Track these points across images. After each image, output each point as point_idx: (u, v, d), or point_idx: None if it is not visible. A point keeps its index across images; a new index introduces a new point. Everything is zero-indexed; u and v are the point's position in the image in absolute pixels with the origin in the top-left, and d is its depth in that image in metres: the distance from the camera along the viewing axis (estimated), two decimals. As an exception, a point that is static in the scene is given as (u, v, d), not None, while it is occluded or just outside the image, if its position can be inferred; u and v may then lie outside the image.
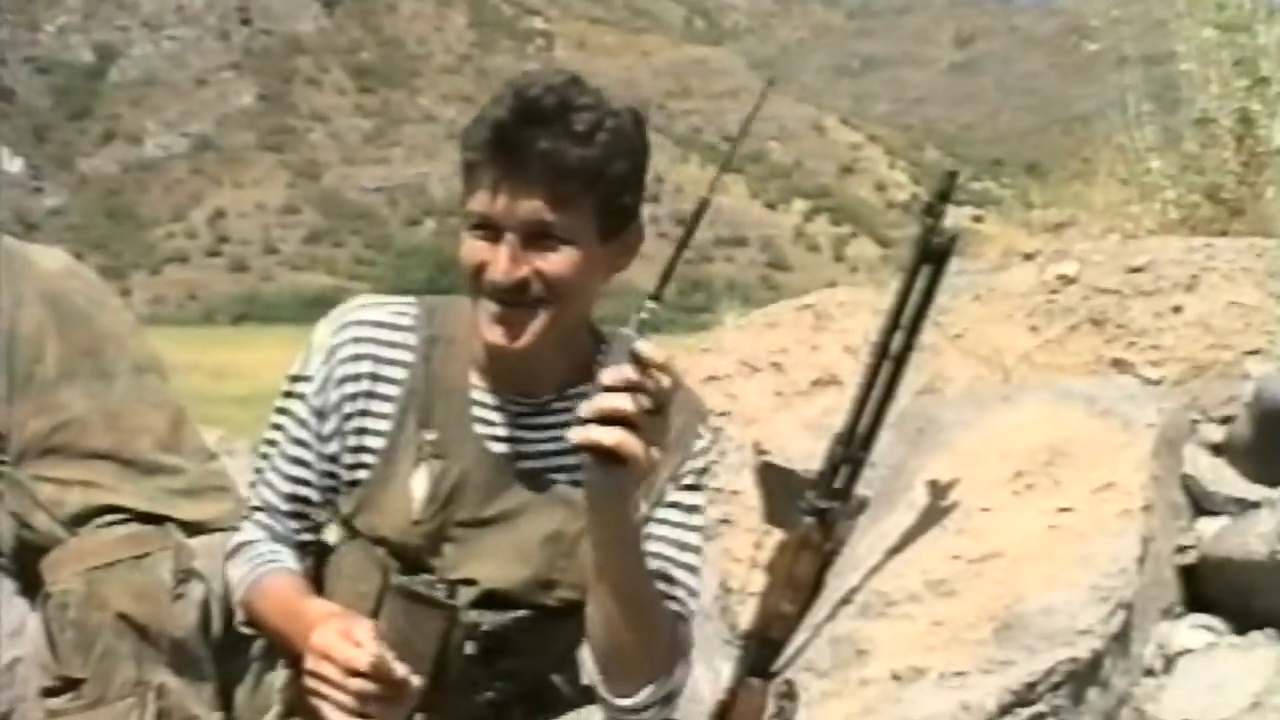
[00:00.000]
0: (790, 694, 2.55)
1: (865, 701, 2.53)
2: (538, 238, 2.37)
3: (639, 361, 2.16)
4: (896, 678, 2.53)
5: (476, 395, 2.56)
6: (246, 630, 2.79)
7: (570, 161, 2.34)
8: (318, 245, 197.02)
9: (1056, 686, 2.45)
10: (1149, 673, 2.82)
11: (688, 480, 2.58)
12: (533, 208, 2.36)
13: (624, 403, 2.15)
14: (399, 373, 2.59)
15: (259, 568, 2.81)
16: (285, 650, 2.74)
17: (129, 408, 3.60)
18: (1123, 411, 3.20)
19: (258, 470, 2.84)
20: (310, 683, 2.34)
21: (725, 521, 4.80)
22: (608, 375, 2.16)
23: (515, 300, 2.39)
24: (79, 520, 3.49)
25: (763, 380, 4.86)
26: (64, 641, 3.45)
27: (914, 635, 2.60)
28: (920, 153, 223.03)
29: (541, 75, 2.44)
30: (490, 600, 2.57)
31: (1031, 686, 2.43)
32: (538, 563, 2.56)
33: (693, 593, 2.60)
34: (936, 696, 2.44)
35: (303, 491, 2.74)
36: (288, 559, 2.82)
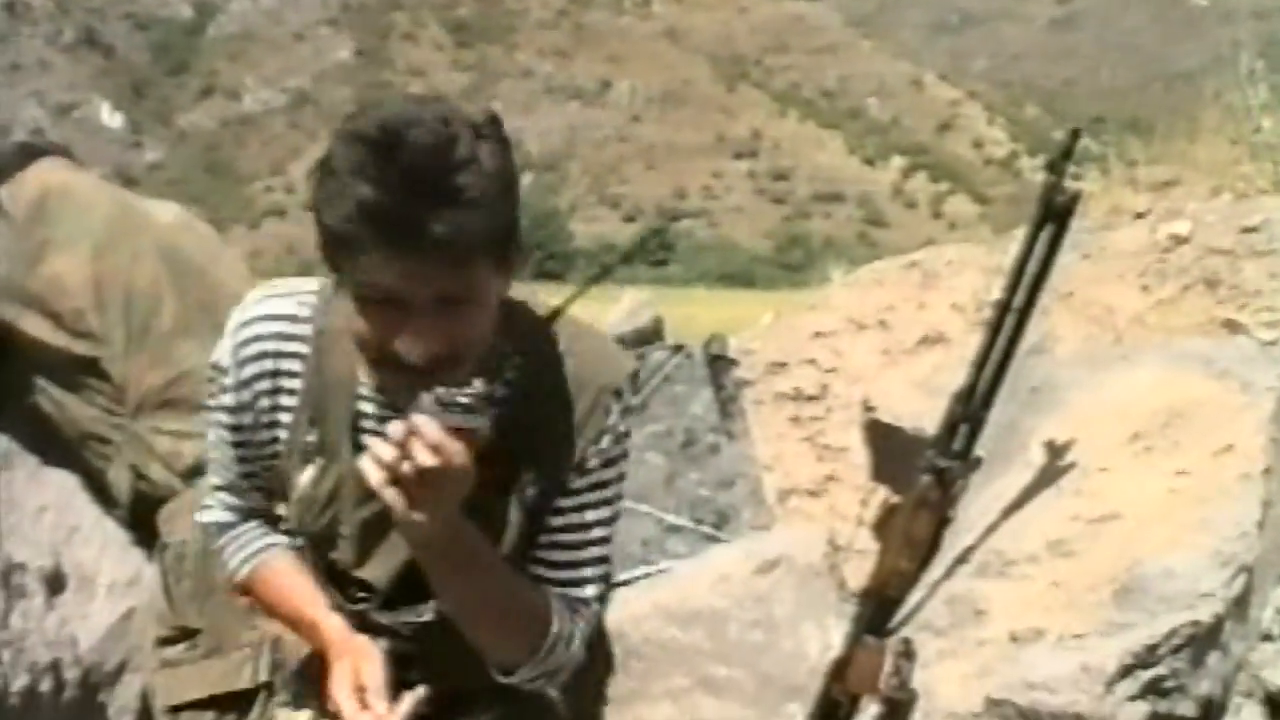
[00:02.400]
0: (908, 653, 2.55)
1: (982, 661, 2.51)
2: (447, 304, 2.24)
3: (412, 431, 2.13)
4: (1015, 638, 2.51)
5: (364, 391, 2.50)
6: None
7: (470, 234, 2.17)
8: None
9: (1177, 650, 2.42)
10: (1266, 638, 2.79)
11: (592, 463, 2.52)
12: (438, 285, 2.21)
13: (389, 454, 2.15)
14: (297, 366, 2.54)
15: (256, 554, 2.80)
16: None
17: (244, 358, 3.62)
18: (1241, 374, 3.15)
19: (209, 449, 2.78)
20: None
21: (831, 479, 4.78)
22: (392, 427, 2.15)
23: (437, 367, 2.26)
24: (195, 472, 3.52)
25: (870, 338, 4.84)
26: (180, 592, 3.48)
27: (1032, 596, 2.58)
28: (1019, 110, 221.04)
29: (400, 119, 2.20)
30: (392, 602, 2.59)
31: (1152, 649, 2.40)
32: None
33: (597, 578, 2.59)
34: (1055, 658, 2.42)
35: (251, 468, 2.72)
36: (275, 536, 2.81)
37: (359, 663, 2.54)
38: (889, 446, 4.13)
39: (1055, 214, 2.57)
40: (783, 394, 4.81)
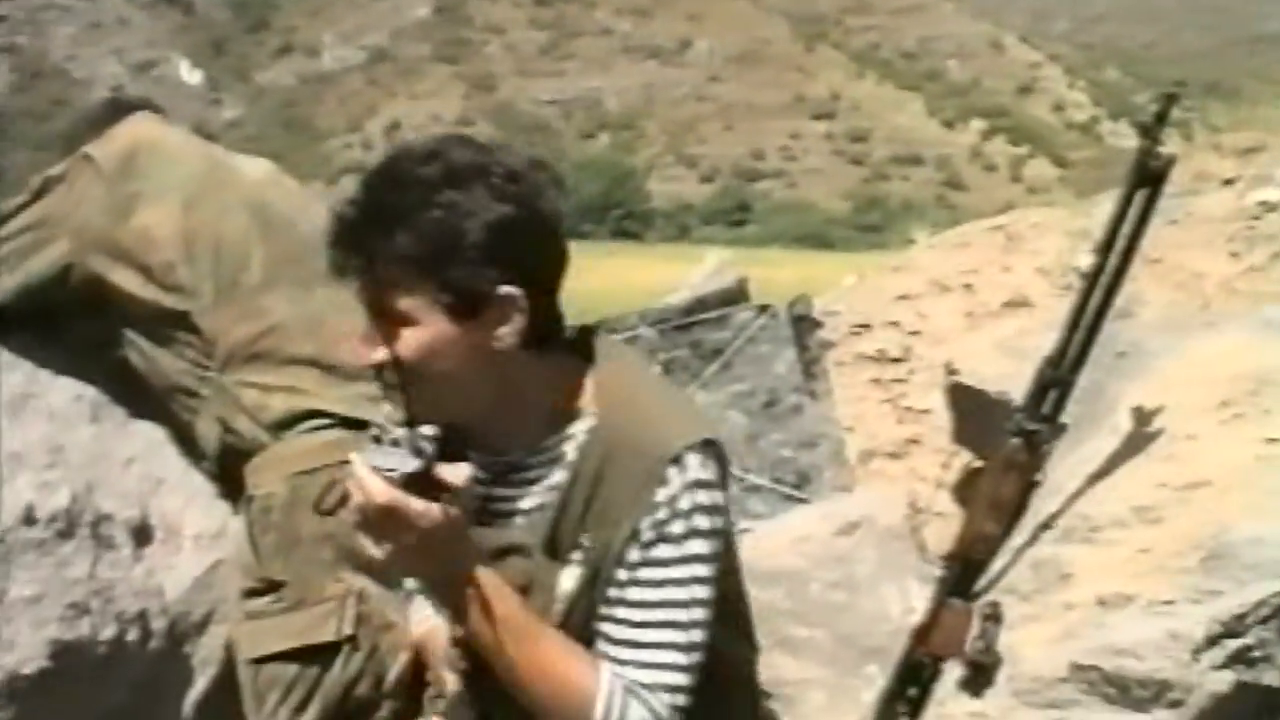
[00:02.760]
0: (995, 616, 2.54)
1: (1068, 625, 2.51)
2: (389, 321, 2.36)
3: (378, 472, 2.23)
4: (1101, 603, 2.50)
5: None
6: None
7: (378, 246, 2.32)
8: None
9: (1265, 619, 2.41)
10: (1352, 609, 2.77)
11: (648, 535, 2.44)
12: (369, 296, 2.37)
13: (356, 491, 2.24)
14: None
15: None
16: None
17: (331, 314, 3.65)
18: (1331, 340, 3.13)
19: None
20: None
21: (913, 441, 4.78)
22: (352, 485, 2.26)
23: (382, 384, 2.42)
24: (282, 425, 3.55)
25: (953, 300, 4.83)
26: (266, 544, 3.51)
27: (1119, 561, 2.57)
28: (1100, 72, 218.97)
29: (399, 151, 2.42)
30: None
31: (1240, 618, 2.39)
32: None
33: (665, 665, 2.48)
34: (1143, 624, 2.41)
35: None
36: None
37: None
38: (971, 409, 4.11)
39: (1149, 178, 2.56)
40: (865, 355, 4.81)
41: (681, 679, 2.48)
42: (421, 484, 2.24)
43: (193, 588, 3.74)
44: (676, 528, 2.43)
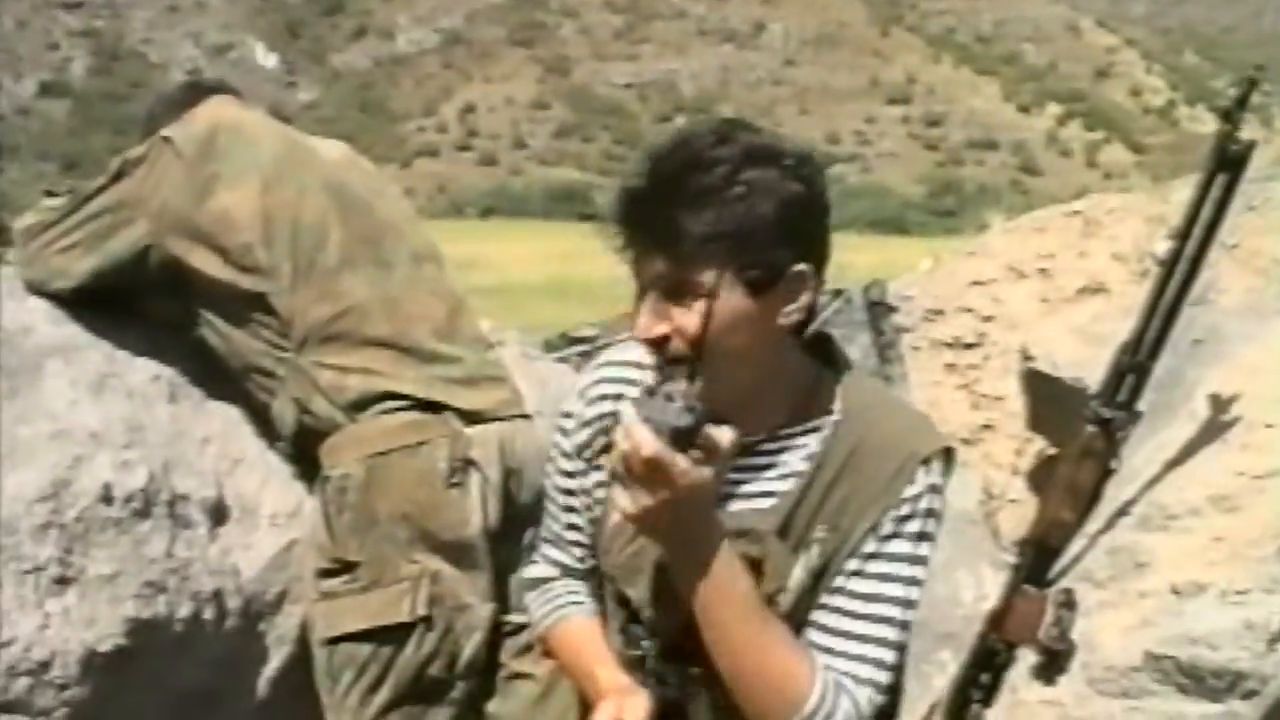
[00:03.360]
0: (1069, 603, 2.53)
1: (1143, 613, 2.49)
2: (676, 295, 2.41)
3: (650, 422, 2.27)
4: (1176, 592, 2.48)
5: None
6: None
7: (685, 224, 2.36)
8: (567, 140, 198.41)
9: (1342, 609, 2.39)
10: None
11: (886, 528, 2.54)
12: (659, 268, 2.41)
13: (621, 449, 2.30)
14: None
15: (558, 610, 2.93)
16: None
17: (408, 295, 3.68)
18: None
19: (546, 502, 2.99)
20: None
21: (987, 427, 4.75)
22: (620, 433, 2.31)
23: (666, 358, 2.45)
24: (358, 406, 3.58)
25: (1029, 285, 4.79)
26: (341, 524, 3.54)
27: (1195, 550, 2.54)
28: (1178, 57, 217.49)
29: (686, 133, 2.49)
30: (672, 650, 2.63)
31: (1315, 608, 2.37)
32: None
33: (878, 663, 2.57)
34: (1218, 612, 2.39)
35: (577, 520, 2.80)
36: (583, 595, 2.92)
37: (624, 699, 2.59)
38: (1046, 396, 4.09)
39: (1229, 164, 2.54)
40: (940, 341, 4.78)
41: (885, 678, 2.56)
42: (684, 443, 2.28)
43: (268, 567, 3.77)
44: (914, 526, 2.58)
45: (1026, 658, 2.62)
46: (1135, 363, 2.61)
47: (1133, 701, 2.44)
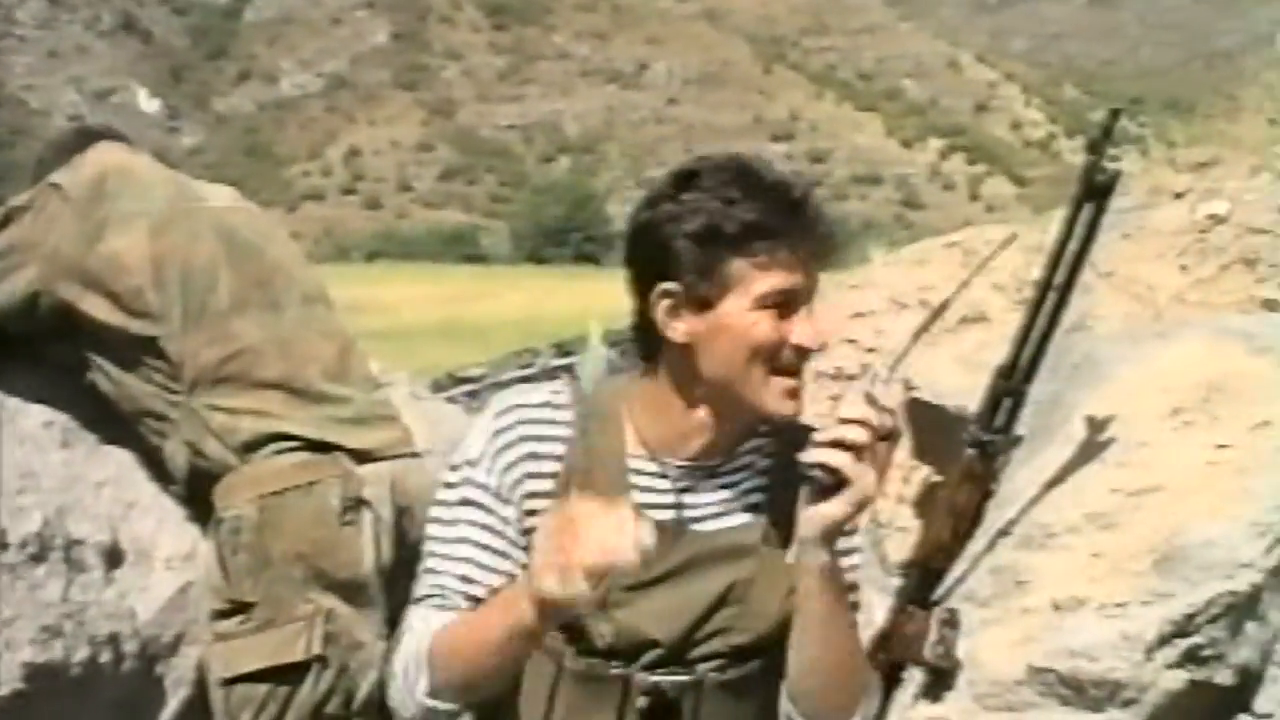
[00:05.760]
0: (952, 621, 2.59)
1: (1026, 630, 2.55)
2: (807, 301, 2.51)
3: (873, 402, 2.35)
4: (1057, 607, 2.55)
5: (635, 465, 2.61)
6: (437, 704, 2.64)
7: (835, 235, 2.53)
8: (452, 182, 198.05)
9: (1215, 619, 2.45)
10: (1304, 607, 2.82)
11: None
12: (815, 277, 2.52)
13: (858, 435, 2.33)
14: (559, 446, 2.62)
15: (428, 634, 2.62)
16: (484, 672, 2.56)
17: (298, 337, 3.70)
18: (1280, 350, 3.18)
19: (432, 563, 2.69)
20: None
21: (874, 457, 4.81)
22: (845, 409, 2.36)
23: (802, 367, 2.53)
24: (250, 448, 3.59)
25: (911, 317, 4.86)
26: (236, 565, 3.55)
27: (1074, 566, 2.62)
28: (1058, 90, 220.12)
29: (767, 158, 2.66)
30: (664, 660, 2.61)
31: (1190, 618, 2.44)
32: (706, 616, 2.61)
33: None
34: (1097, 626, 2.46)
35: (475, 573, 2.65)
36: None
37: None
38: (931, 425, 4.16)
39: (1095, 193, 2.61)
40: (824, 373, 4.84)
41: None
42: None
43: (164, 609, 3.77)
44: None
45: (914, 677, 2.68)
46: (1010, 387, 2.67)
47: (1017, 715, 2.50)
